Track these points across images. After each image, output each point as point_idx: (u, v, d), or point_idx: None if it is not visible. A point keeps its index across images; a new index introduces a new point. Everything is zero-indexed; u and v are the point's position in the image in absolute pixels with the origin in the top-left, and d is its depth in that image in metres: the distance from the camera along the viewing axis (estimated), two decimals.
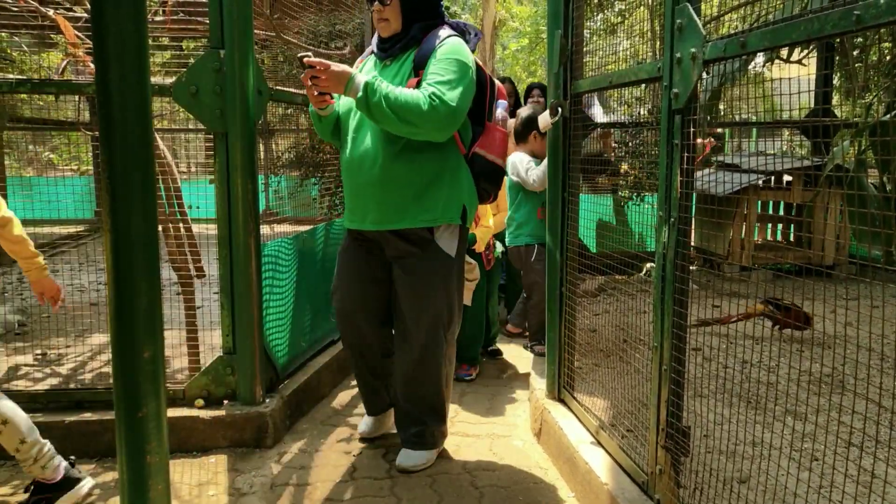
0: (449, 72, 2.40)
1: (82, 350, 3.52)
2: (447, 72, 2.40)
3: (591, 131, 5.18)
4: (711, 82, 3.83)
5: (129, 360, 1.13)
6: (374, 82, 2.34)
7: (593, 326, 3.23)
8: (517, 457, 2.81)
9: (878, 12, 1.13)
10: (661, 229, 1.91)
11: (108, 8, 1.05)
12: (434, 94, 2.34)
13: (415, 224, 2.53)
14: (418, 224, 2.54)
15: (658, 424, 1.95)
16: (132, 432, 1.15)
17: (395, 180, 2.50)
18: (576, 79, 2.67)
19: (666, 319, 1.91)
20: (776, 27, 1.42)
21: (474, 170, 2.64)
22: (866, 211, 1.91)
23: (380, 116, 2.35)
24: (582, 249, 2.78)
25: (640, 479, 2.09)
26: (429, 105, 2.32)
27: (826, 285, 4.04)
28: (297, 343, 3.41)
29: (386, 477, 2.63)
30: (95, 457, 2.72)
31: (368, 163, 2.51)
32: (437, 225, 2.56)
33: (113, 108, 1.07)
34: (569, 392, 2.78)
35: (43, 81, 2.88)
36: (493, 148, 2.65)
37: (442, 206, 2.55)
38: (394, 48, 2.56)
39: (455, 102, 2.36)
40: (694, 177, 1.86)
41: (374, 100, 2.32)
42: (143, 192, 1.11)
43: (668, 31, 1.82)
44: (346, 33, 4.80)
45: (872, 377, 2.76)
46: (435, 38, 2.49)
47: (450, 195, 2.56)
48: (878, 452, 2.19)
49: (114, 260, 1.11)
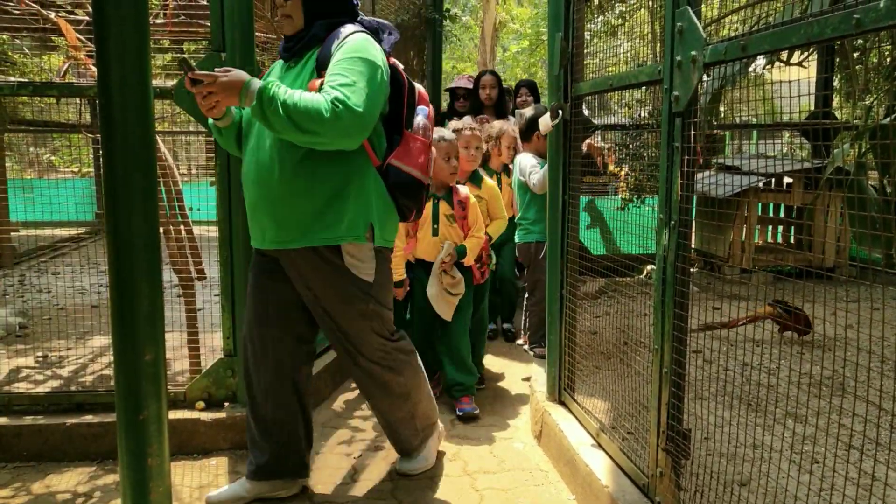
0: (353, 72, 2.13)
1: (83, 352, 3.52)
2: (351, 72, 2.13)
3: (591, 133, 5.20)
4: (712, 85, 3.84)
5: (131, 362, 1.13)
6: (270, 87, 2.05)
7: (594, 329, 3.23)
8: (518, 459, 2.81)
9: (877, 16, 1.14)
10: (662, 232, 1.91)
11: (110, 11, 1.05)
12: (337, 100, 2.05)
13: (314, 243, 2.25)
14: (318, 243, 2.25)
15: (658, 427, 1.95)
16: (133, 435, 1.15)
17: (294, 195, 2.22)
18: (576, 81, 2.67)
19: (666, 322, 1.91)
20: (776, 30, 1.42)
21: (389, 183, 2.35)
22: (866, 214, 1.91)
23: (278, 126, 2.06)
24: (583, 251, 2.78)
25: (641, 481, 2.09)
26: (331, 112, 2.04)
27: (826, 288, 4.04)
28: None
29: (387, 479, 2.63)
30: (97, 459, 2.72)
31: (265, 175, 2.24)
32: (341, 244, 2.27)
33: (114, 110, 1.08)
34: (569, 394, 2.79)
35: (44, 84, 2.89)
36: (410, 159, 2.38)
37: (347, 223, 2.25)
38: (296, 48, 2.31)
39: (361, 107, 2.08)
40: (694, 179, 1.86)
41: (269, 108, 2.04)
42: (145, 194, 1.11)
43: (668, 34, 1.82)
44: None
45: (873, 380, 2.76)
46: (337, 37, 2.25)
47: (356, 211, 2.27)
48: (878, 455, 2.19)
49: (115, 262, 1.11)
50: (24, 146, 7.06)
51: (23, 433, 2.72)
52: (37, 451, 2.72)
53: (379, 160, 2.34)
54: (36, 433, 2.72)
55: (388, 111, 2.35)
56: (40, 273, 5.59)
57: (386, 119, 2.36)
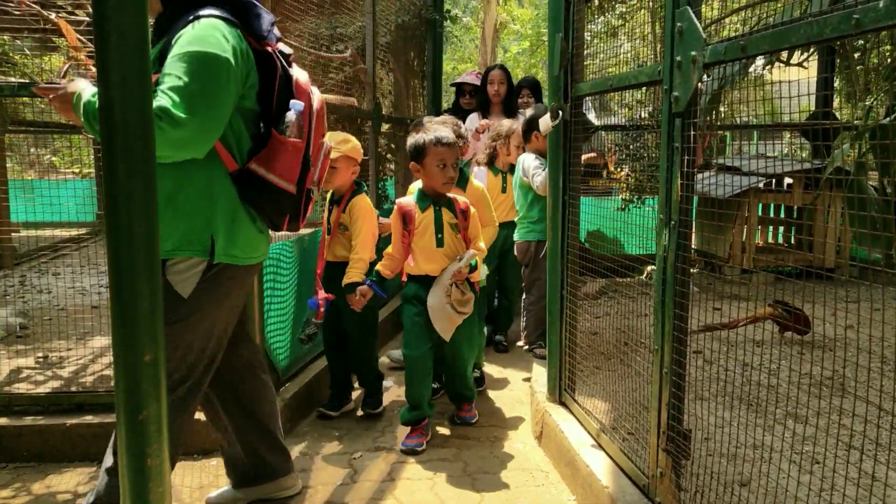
0: (184, 72, 1.79)
1: (84, 353, 3.52)
2: (182, 71, 1.79)
3: (591, 134, 5.19)
4: (712, 85, 3.84)
5: (131, 362, 1.13)
6: (93, 100, 1.77)
7: (594, 329, 3.23)
8: (518, 460, 2.81)
9: (877, 16, 1.14)
10: (662, 232, 1.91)
11: (111, 11, 1.05)
12: (160, 109, 1.72)
13: None
14: None
15: (659, 427, 1.95)
16: (133, 435, 1.15)
17: None
18: (576, 82, 2.67)
19: (666, 322, 1.91)
20: (776, 31, 1.42)
21: (247, 191, 2.03)
22: (866, 214, 1.91)
23: None
24: (583, 252, 2.78)
25: (641, 482, 2.08)
26: (155, 125, 1.61)
27: (827, 288, 4.04)
28: (298, 346, 3.42)
29: (387, 479, 2.63)
30: (97, 460, 2.72)
31: None
32: (172, 258, 1.96)
33: (115, 111, 1.08)
34: (570, 395, 2.78)
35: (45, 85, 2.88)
36: (273, 164, 2.03)
37: (180, 234, 1.95)
38: (154, 37, 1.98)
39: (188, 116, 1.76)
40: (694, 180, 1.86)
41: (93, 124, 1.77)
42: (145, 194, 1.12)
43: (668, 34, 1.82)
44: (348, 36, 4.80)
45: (873, 380, 2.76)
46: (183, 23, 1.89)
47: (193, 222, 1.96)
48: (878, 455, 2.18)
49: (114, 262, 1.11)
50: (26, 147, 7.05)
51: (23, 433, 2.72)
52: (37, 452, 2.73)
53: (238, 163, 2.02)
54: (36, 433, 2.72)
55: (257, 107, 2.05)
56: (41, 274, 5.59)
57: (260, 115, 2.07)
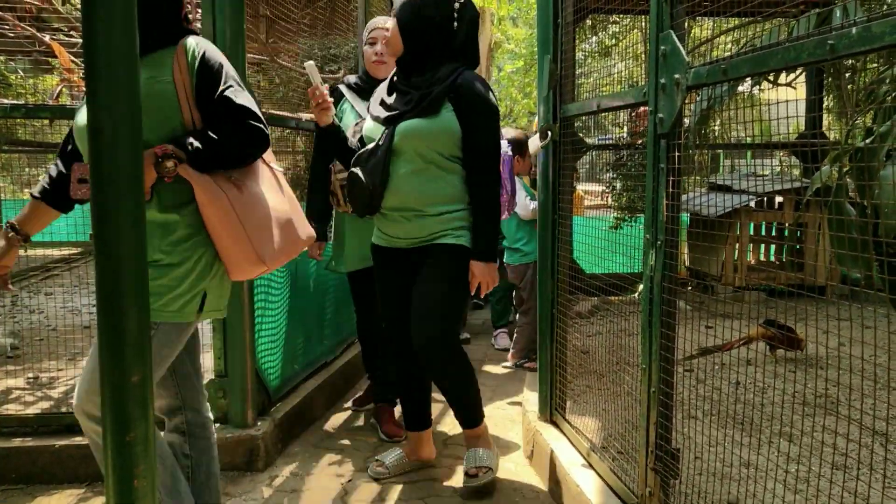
0: None
1: (74, 373, 3.51)
2: None
3: (581, 154, 5.23)
4: (700, 105, 3.88)
5: (118, 384, 1.14)
6: None
7: (585, 348, 3.23)
8: (509, 479, 2.80)
9: (850, 42, 1.17)
10: (649, 252, 1.93)
11: (99, 28, 1.06)
12: None
13: None
14: None
15: (647, 446, 1.95)
16: (120, 456, 1.15)
17: None
18: (565, 103, 2.71)
19: (654, 341, 1.92)
20: (755, 55, 1.45)
21: None
22: (844, 235, 1.93)
23: None
24: (574, 271, 2.79)
25: (631, 501, 2.08)
26: None
27: (818, 306, 4.06)
28: (290, 365, 3.41)
29: (377, 500, 2.62)
30: (86, 481, 2.71)
31: None
32: None
33: (104, 134, 1.09)
34: (560, 414, 2.79)
35: (37, 106, 2.91)
36: None
37: None
38: None
39: None
40: (680, 200, 1.88)
41: None
42: (134, 214, 1.12)
43: (651, 57, 1.86)
44: (341, 57, 4.85)
45: (861, 399, 2.77)
46: None
47: None
48: (867, 476, 2.19)
49: (102, 282, 1.12)
50: (20, 167, 7.05)
51: (11, 455, 2.70)
52: (26, 473, 2.71)
53: None
54: (25, 455, 2.71)
55: None
56: (32, 294, 5.58)
57: None
